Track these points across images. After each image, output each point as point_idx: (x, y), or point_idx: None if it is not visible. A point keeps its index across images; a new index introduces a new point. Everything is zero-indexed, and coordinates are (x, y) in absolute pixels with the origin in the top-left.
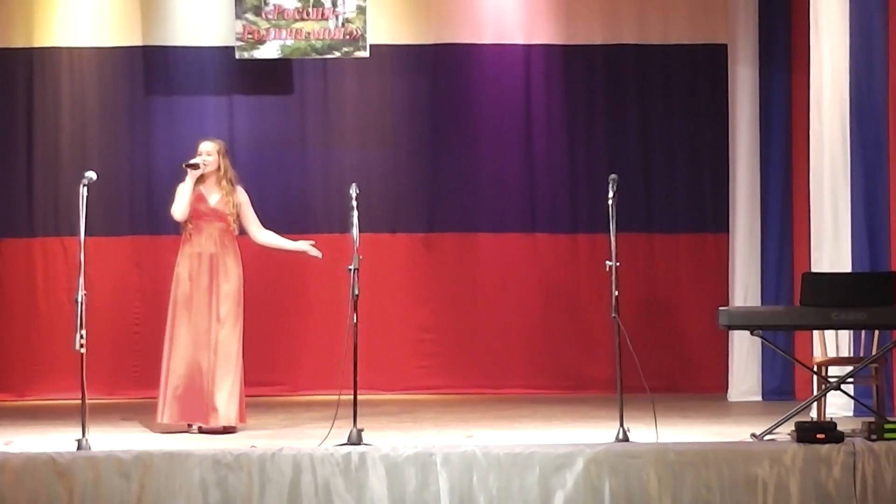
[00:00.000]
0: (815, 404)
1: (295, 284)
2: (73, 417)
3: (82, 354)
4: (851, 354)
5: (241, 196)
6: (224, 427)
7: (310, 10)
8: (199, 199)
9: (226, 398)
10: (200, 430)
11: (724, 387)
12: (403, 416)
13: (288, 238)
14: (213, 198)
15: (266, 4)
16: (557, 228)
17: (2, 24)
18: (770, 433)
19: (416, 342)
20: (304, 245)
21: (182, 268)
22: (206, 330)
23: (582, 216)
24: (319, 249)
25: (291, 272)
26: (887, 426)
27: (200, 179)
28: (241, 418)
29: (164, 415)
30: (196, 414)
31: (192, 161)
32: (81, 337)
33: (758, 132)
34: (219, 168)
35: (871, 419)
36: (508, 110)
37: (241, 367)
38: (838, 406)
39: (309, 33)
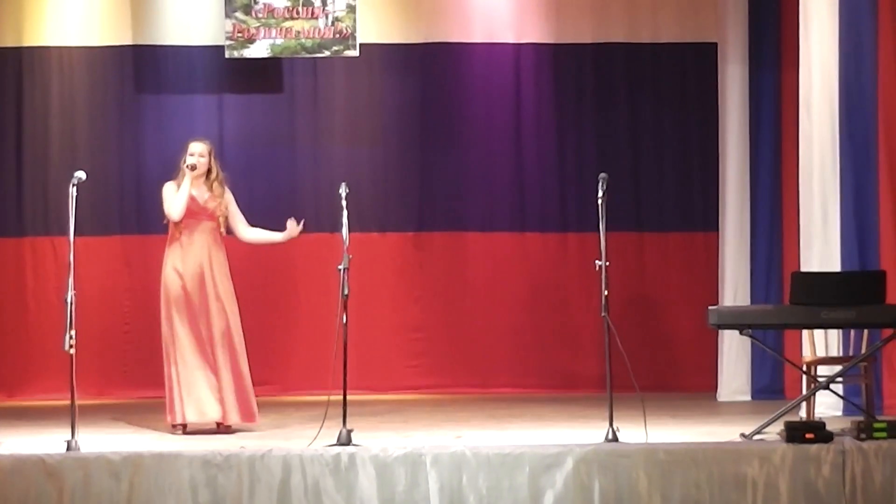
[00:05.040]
0: (804, 404)
1: (284, 284)
2: (63, 418)
3: (72, 355)
4: (841, 353)
5: (229, 195)
6: (238, 426)
7: (299, 8)
8: (190, 199)
9: (249, 395)
10: (185, 431)
11: (714, 386)
12: (393, 417)
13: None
14: (204, 198)
15: (256, 3)
16: (547, 227)
17: None
18: (759, 433)
19: (405, 342)
20: (291, 230)
21: (171, 268)
22: (210, 329)
23: (571, 215)
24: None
25: (281, 272)
26: (876, 425)
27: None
28: (254, 416)
29: (178, 415)
30: (215, 412)
31: (189, 162)
32: (71, 337)
33: (747, 130)
34: (209, 169)
35: (861, 418)
36: (498, 109)
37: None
38: (827, 405)
39: (299, 32)
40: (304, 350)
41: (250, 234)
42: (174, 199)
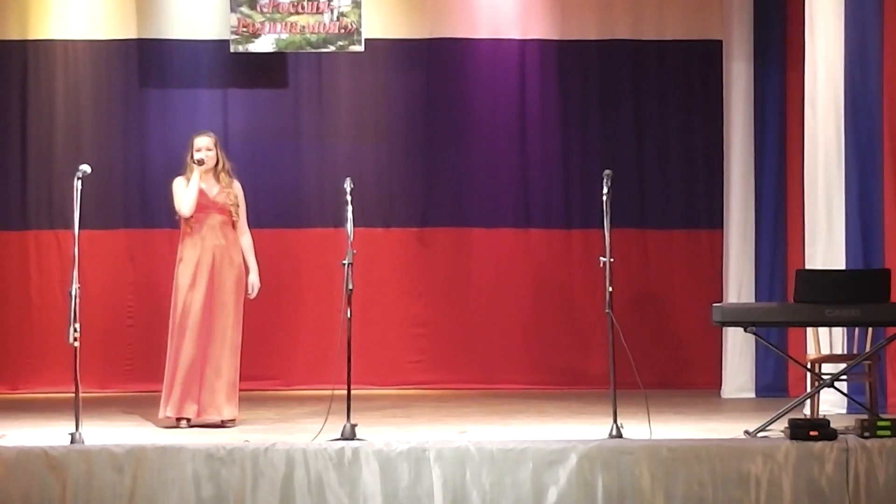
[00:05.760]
0: (808, 401)
1: (288, 279)
2: (67, 411)
3: (76, 348)
4: (845, 351)
5: (239, 190)
6: (224, 421)
7: (305, 3)
8: (200, 193)
9: (231, 391)
10: (189, 425)
11: (718, 383)
12: (396, 412)
13: (279, 232)
14: (214, 191)
15: None
16: (551, 224)
17: None
18: (763, 430)
19: (409, 337)
20: (251, 277)
21: (185, 262)
22: (211, 323)
23: (576, 211)
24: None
25: (285, 267)
26: (880, 423)
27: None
28: (235, 415)
29: (169, 408)
30: (202, 407)
31: (197, 157)
32: (75, 330)
33: (752, 128)
34: (217, 161)
35: (865, 416)
36: (503, 105)
37: (239, 360)
38: (832, 403)
39: (304, 27)
40: (308, 345)
41: (243, 241)
42: (184, 194)
